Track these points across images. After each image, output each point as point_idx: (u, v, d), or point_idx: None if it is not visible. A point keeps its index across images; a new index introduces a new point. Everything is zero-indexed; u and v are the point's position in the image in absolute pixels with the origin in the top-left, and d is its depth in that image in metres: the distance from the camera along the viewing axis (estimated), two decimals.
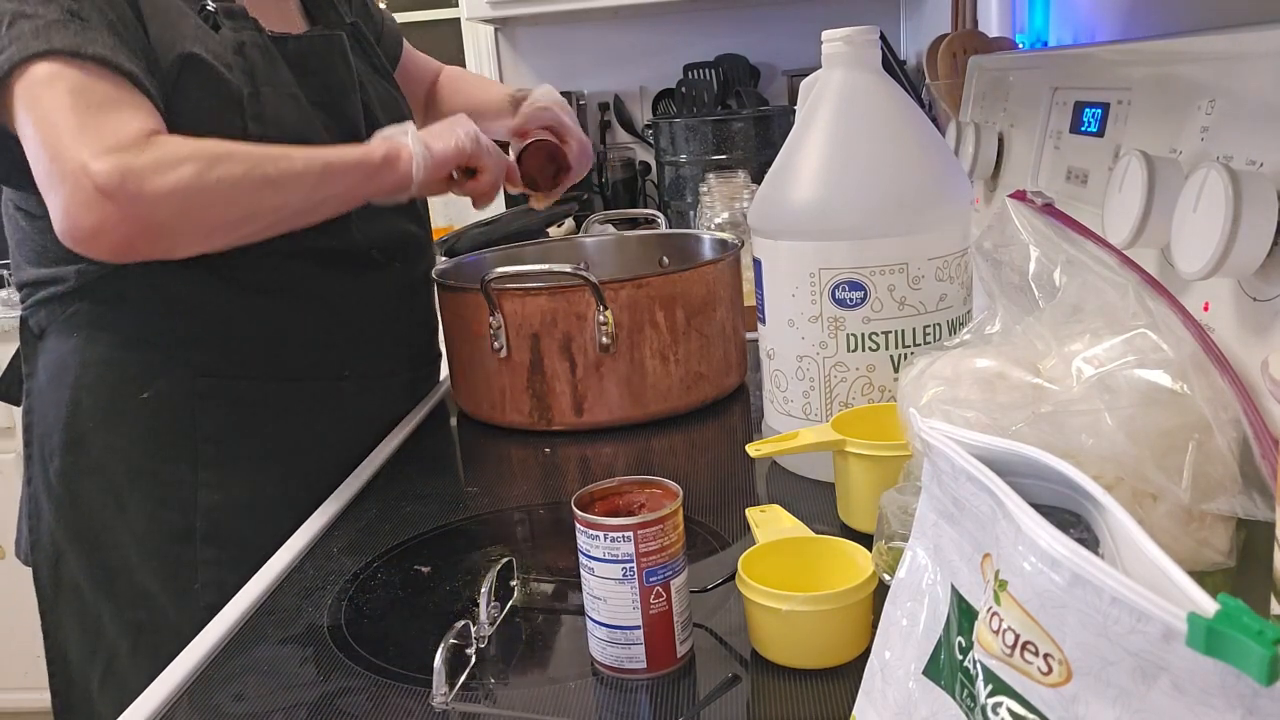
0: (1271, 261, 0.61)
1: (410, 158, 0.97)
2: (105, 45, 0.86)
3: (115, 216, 0.83)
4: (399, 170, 0.97)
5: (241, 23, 0.98)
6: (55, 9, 0.86)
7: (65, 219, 0.84)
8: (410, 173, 0.97)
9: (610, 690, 0.62)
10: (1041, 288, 0.67)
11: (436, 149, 0.99)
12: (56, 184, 0.84)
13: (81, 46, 0.85)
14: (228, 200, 0.88)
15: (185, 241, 0.90)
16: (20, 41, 0.84)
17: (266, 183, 0.89)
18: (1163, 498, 0.55)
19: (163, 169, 0.84)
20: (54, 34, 0.85)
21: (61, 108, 0.84)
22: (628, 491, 0.65)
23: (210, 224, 0.89)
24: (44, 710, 1.11)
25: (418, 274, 1.16)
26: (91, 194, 0.82)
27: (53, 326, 1.02)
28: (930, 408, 0.60)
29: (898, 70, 1.98)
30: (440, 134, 1.01)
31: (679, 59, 2.44)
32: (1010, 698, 0.36)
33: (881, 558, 0.64)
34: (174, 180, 0.84)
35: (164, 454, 1.00)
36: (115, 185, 0.82)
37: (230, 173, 0.87)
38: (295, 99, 1.00)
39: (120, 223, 0.84)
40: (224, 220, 0.90)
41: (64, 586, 1.04)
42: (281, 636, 0.72)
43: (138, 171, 0.83)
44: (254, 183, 0.89)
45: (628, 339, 1.04)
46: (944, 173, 0.84)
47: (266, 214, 0.92)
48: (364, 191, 0.97)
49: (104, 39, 0.86)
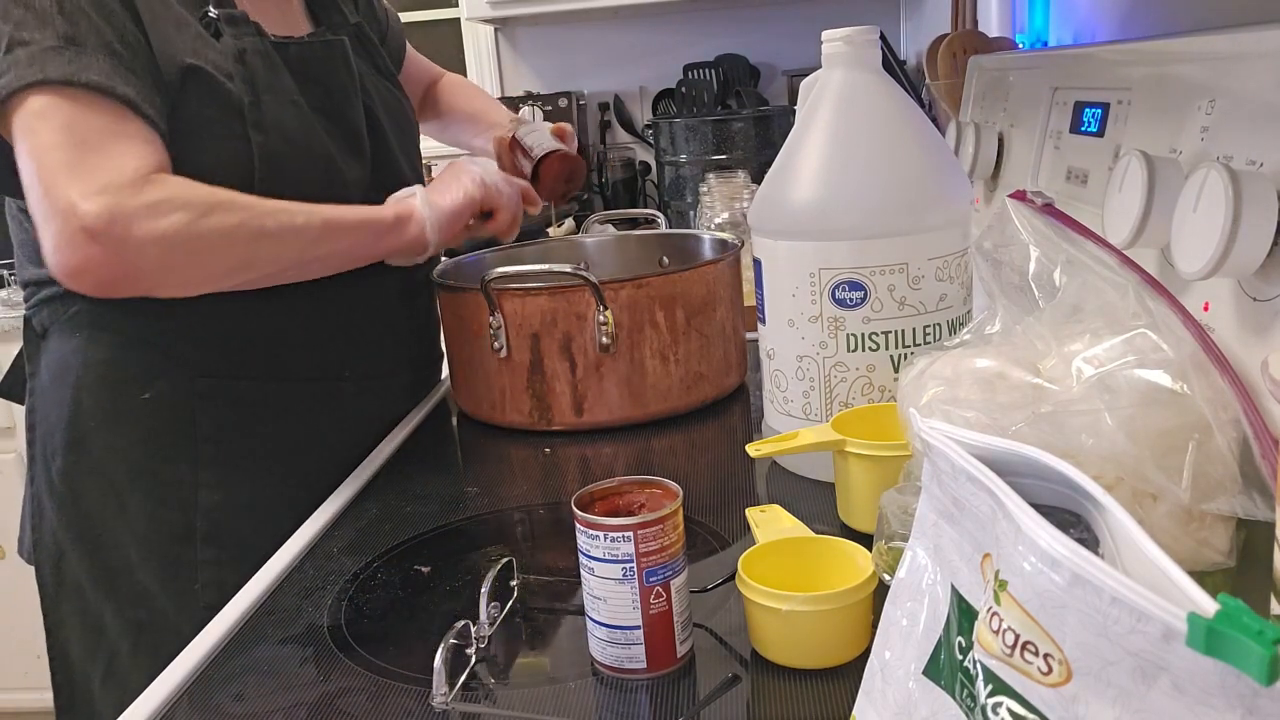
0: (1271, 261, 0.61)
1: (421, 220, 0.99)
2: (101, 71, 0.85)
3: (99, 257, 0.83)
4: (410, 232, 0.99)
5: (243, 29, 0.97)
6: (51, 34, 0.85)
7: (53, 254, 0.84)
8: (423, 235, 0.99)
9: (610, 690, 0.62)
10: (1041, 288, 0.67)
11: (446, 205, 1.01)
12: (47, 219, 0.84)
13: (76, 75, 0.84)
14: (218, 251, 0.88)
15: (170, 287, 0.90)
16: (16, 70, 0.84)
17: (261, 235, 0.89)
18: (1163, 498, 0.55)
19: (154, 214, 0.84)
20: (49, 62, 0.84)
21: (54, 144, 0.84)
22: (628, 491, 0.65)
23: (197, 273, 0.90)
24: (44, 710, 1.11)
25: (419, 275, 1.16)
26: (78, 233, 0.82)
27: (55, 326, 1.02)
28: (930, 408, 0.60)
29: (898, 70, 1.98)
30: (446, 188, 1.03)
31: (679, 59, 2.44)
32: (1010, 698, 0.36)
33: (881, 558, 0.64)
34: (164, 227, 0.84)
35: (165, 454, 1.00)
36: (102, 227, 0.82)
37: (223, 223, 0.87)
38: (297, 105, 0.99)
39: (104, 264, 0.84)
40: (213, 270, 0.90)
41: (66, 585, 1.04)
42: (281, 636, 0.72)
43: (127, 214, 0.83)
44: (248, 235, 0.89)
45: (628, 339, 1.04)
46: (944, 173, 0.84)
47: (259, 266, 0.92)
48: (373, 251, 0.99)
49: (99, 64, 0.86)
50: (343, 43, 1.06)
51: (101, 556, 1.01)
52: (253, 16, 0.99)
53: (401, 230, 0.99)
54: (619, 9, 2.31)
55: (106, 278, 0.85)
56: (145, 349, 1.00)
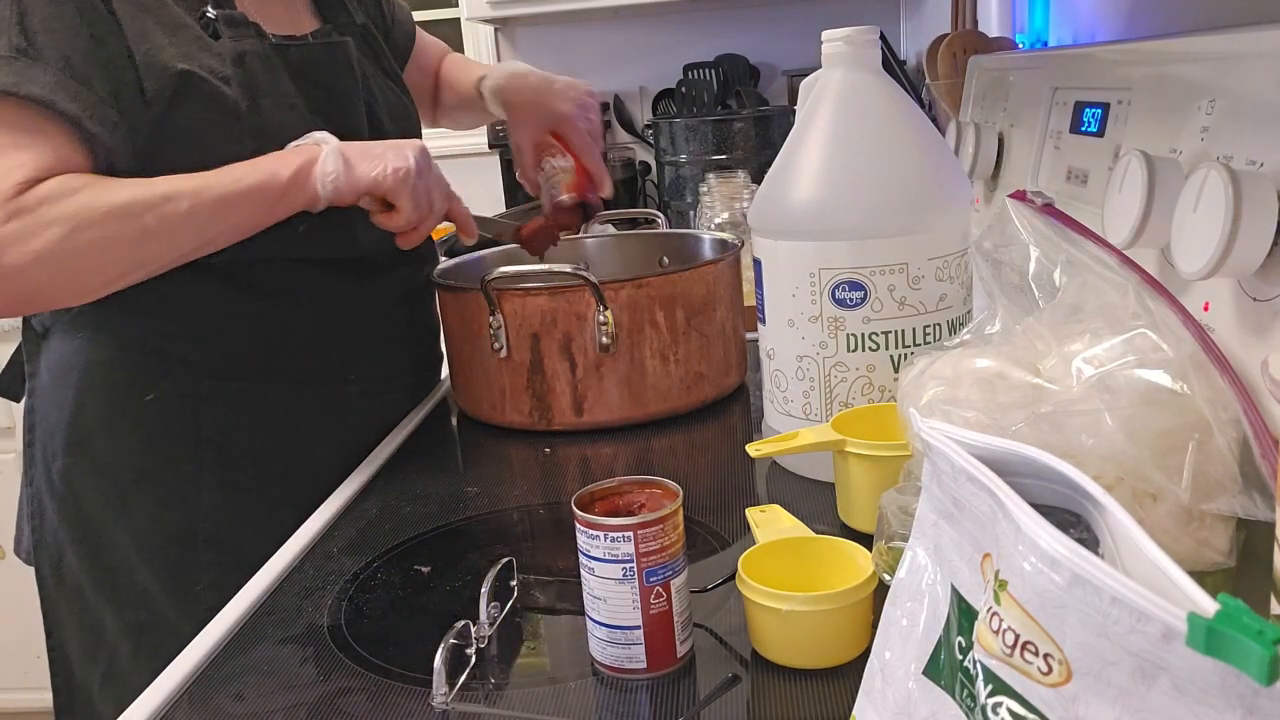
0: (1271, 261, 0.61)
1: (319, 177, 0.92)
2: (45, 86, 0.84)
3: None
4: (307, 191, 0.92)
5: (242, 30, 0.96)
6: (4, 44, 0.84)
7: None
8: (316, 195, 0.92)
9: (610, 690, 0.62)
10: (1041, 288, 0.67)
11: (355, 174, 0.93)
12: None
13: (17, 86, 0.83)
14: (100, 261, 0.86)
15: (64, 299, 0.89)
16: None
17: (145, 235, 0.86)
18: (1163, 498, 0.55)
19: (25, 237, 0.82)
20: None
21: None
22: (628, 491, 0.65)
23: (85, 284, 0.88)
24: (44, 710, 1.11)
25: (421, 278, 1.16)
26: None
27: (56, 326, 1.02)
28: (930, 408, 0.60)
29: (898, 70, 1.98)
30: (366, 156, 0.94)
31: (679, 59, 2.44)
32: (1010, 698, 0.36)
33: (881, 558, 0.64)
34: (36, 249, 0.82)
35: (167, 456, 1.00)
36: None
37: (102, 234, 0.84)
38: (296, 110, 0.98)
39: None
40: (100, 279, 0.88)
41: (66, 586, 1.04)
42: (281, 636, 0.72)
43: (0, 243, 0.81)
44: (130, 238, 0.86)
45: (628, 339, 1.04)
46: (944, 173, 0.84)
47: (151, 262, 0.89)
48: (273, 213, 0.93)
49: (46, 79, 0.84)
50: (346, 45, 1.05)
51: (102, 558, 1.01)
52: (255, 16, 0.98)
53: (297, 190, 0.91)
54: (619, 9, 2.31)
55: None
56: (148, 351, 1.00)
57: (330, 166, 0.92)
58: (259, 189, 0.90)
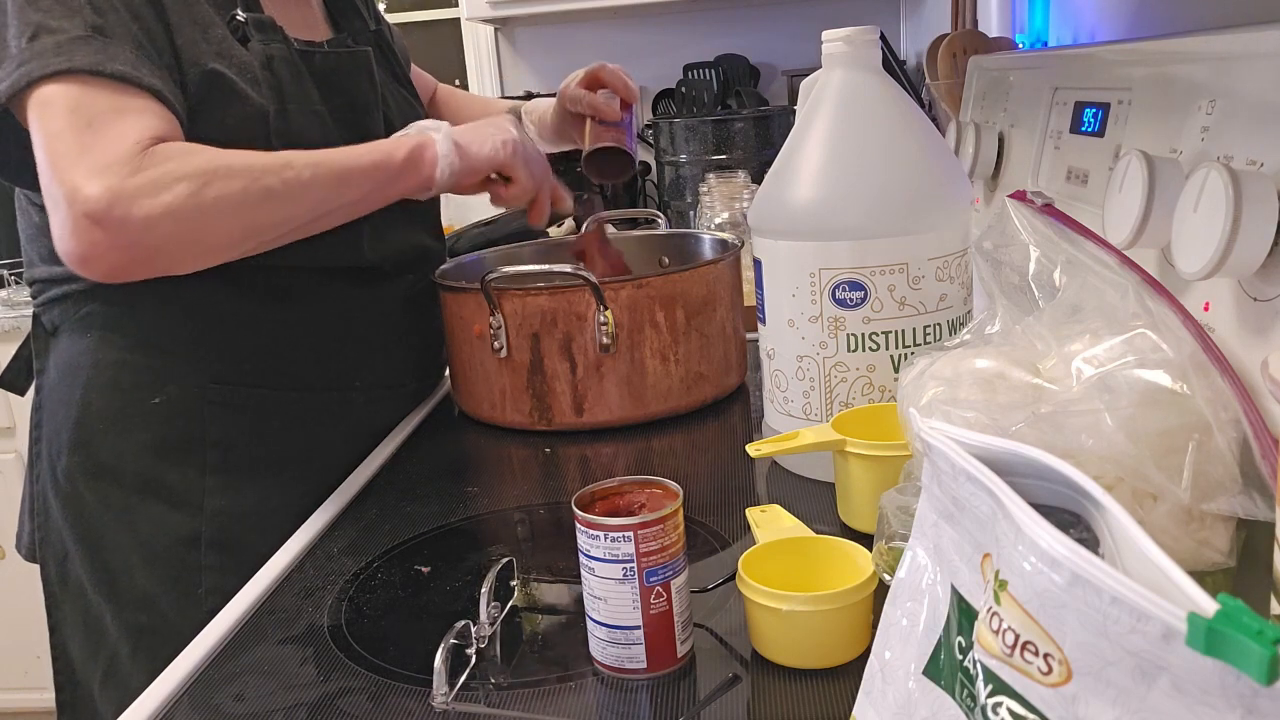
0: (1271, 261, 0.61)
1: (435, 160, 0.95)
2: (127, 62, 0.84)
3: (105, 243, 0.81)
4: (423, 173, 0.95)
5: (271, 35, 0.96)
6: (80, 23, 0.84)
7: (60, 243, 0.83)
8: (433, 176, 0.95)
9: (610, 690, 0.62)
10: (1041, 288, 0.67)
11: (470, 154, 0.97)
12: (55, 207, 0.82)
13: (103, 65, 0.83)
14: (226, 219, 0.86)
15: (183, 261, 0.87)
16: (41, 58, 0.83)
17: (269, 197, 0.86)
18: (1163, 498, 0.55)
19: (155, 189, 0.81)
20: (76, 51, 0.83)
21: (62, 129, 0.82)
22: (628, 491, 0.65)
23: (208, 243, 0.87)
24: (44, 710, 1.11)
25: (425, 285, 1.16)
26: (81, 220, 0.80)
27: (66, 325, 1.02)
28: (930, 408, 0.60)
29: (898, 70, 1.98)
30: (475, 138, 0.98)
31: (679, 59, 2.44)
32: (1010, 698, 0.36)
33: (881, 558, 0.64)
34: (166, 202, 0.81)
35: (172, 459, 1.00)
36: (103, 210, 0.80)
37: (227, 190, 0.84)
38: (319, 115, 0.98)
39: (110, 249, 0.82)
40: (224, 239, 0.87)
41: (69, 585, 1.04)
42: (281, 636, 0.72)
43: (129, 195, 0.80)
44: (255, 198, 0.86)
45: (628, 339, 1.04)
46: (944, 173, 0.84)
47: (272, 228, 0.89)
48: (385, 194, 0.95)
49: (126, 55, 0.85)
50: (367, 53, 1.06)
51: (104, 558, 1.01)
52: (278, 18, 0.98)
53: (415, 170, 0.94)
54: (619, 9, 2.31)
55: (117, 263, 0.83)
56: (157, 353, 1.00)
57: (445, 150, 0.95)
58: (376, 167, 0.92)
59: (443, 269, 1.18)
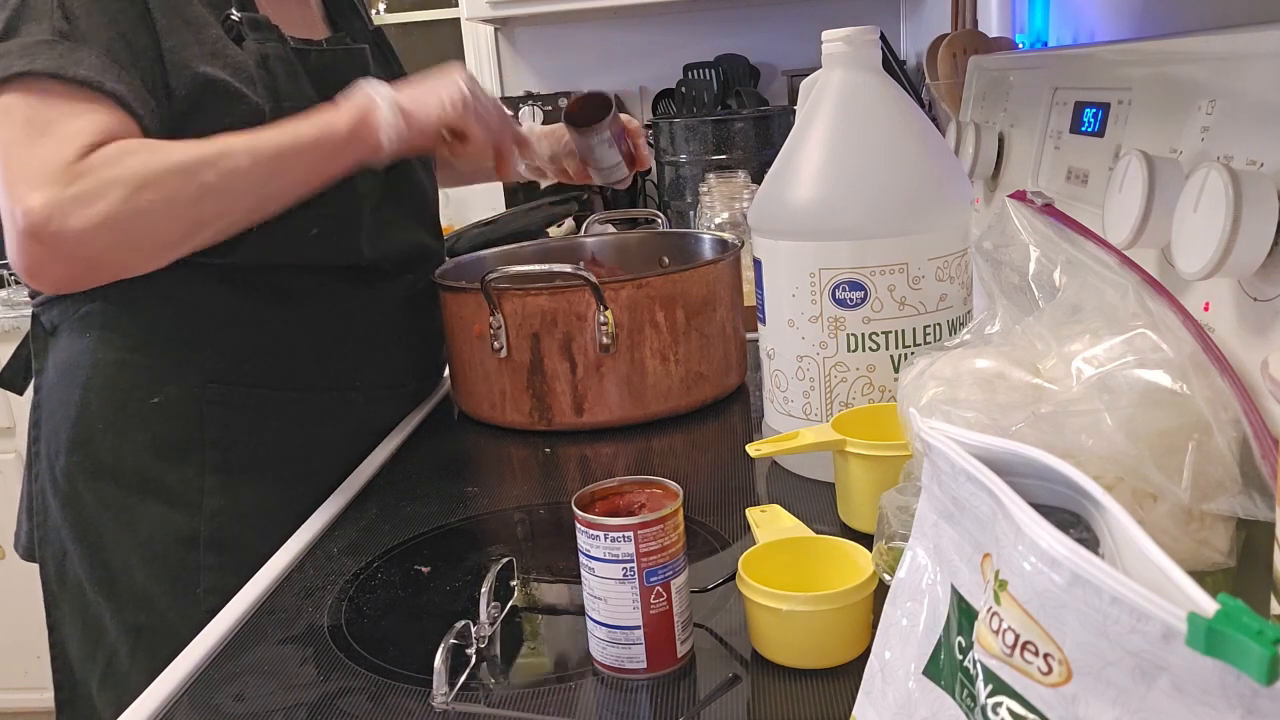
0: (1271, 261, 0.61)
1: (379, 126, 0.91)
2: (92, 67, 0.84)
3: (46, 256, 0.81)
4: (369, 142, 0.91)
5: (266, 34, 0.96)
6: (47, 28, 0.84)
7: (10, 256, 0.83)
8: (380, 145, 0.92)
9: (610, 690, 0.62)
10: (1041, 288, 0.67)
11: (417, 118, 0.93)
12: (6, 220, 0.82)
13: (64, 69, 0.83)
14: (162, 221, 0.85)
15: (128, 266, 0.87)
16: (3, 59, 0.83)
17: (206, 193, 0.85)
18: (1163, 498, 0.55)
19: (89, 199, 0.81)
20: (39, 55, 0.83)
21: (18, 137, 0.82)
22: (628, 491, 0.65)
23: (149, 247, 0.86)
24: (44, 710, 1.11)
25: (425, 285, 1.16)
26: (23, 235, 0.80)
27: (65, 325, 1.02)
28: (930, 408, 0.60)
29: (898, 70, 1.98)
30: (421, 100, 0.94)
31: (679, 59, 2.44)
32: (1010, 698, 0.36)
33: (881, 558, 0.64)
34: (101, 211, 0.81)
35: (171, 459, 1.00)
36: (41, 224, 0.80)
37: (162, 193, 0.83)
38: None
39: (51, 262, 0.82)
40: (163, 240, 0.86)
41: (68, 584, 1.04)
42: (281, 636, 0.72)
43: (64, 208, 0.80)
44: (191, 197, 0.85)
45: (628, 339, 1.04)
46: (944, 173, 0.84)
47: (214, 220, 0.88)
48: (332, 168, 0.92)
49: (92, 60, 0.84)
50: (364, 51, 1.06)
51: (103, 558, 1.01)
52: (273, 20, 0.98)
53: (359, 142, 0.91)
54: (619, 9, 2.31)
55: (61, 275, 0.84)
56: (156, 353, 1.00)
57: (389, 117, 0.91)
58: (317, 143, 0.90)
59: (443, 269, 1.18)
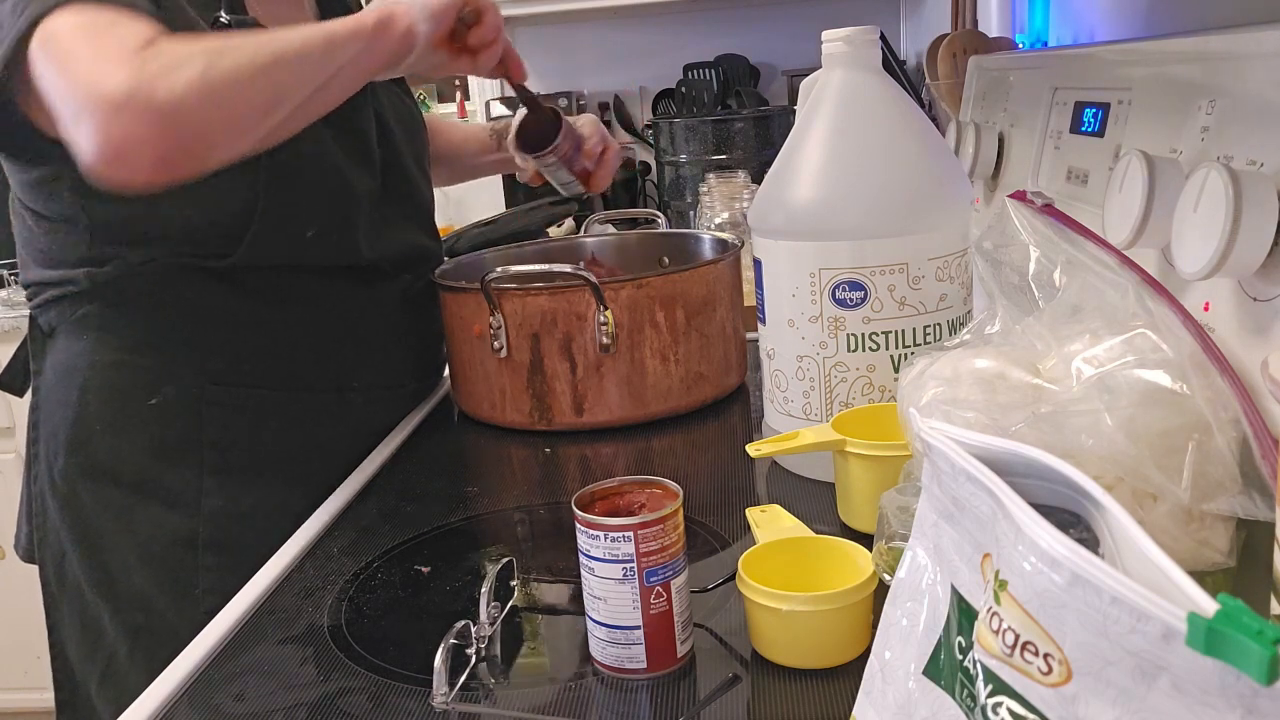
0: (1271, 261, 0.61)
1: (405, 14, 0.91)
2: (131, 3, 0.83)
3: (138, 132, 0.78)
4: (394, 33, 0.91)
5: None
6: None
7: (94, 151, 0.78)
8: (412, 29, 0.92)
9: (610, 690, 0.62)
10: (1041, 288, 0.67)
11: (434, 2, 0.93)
12: (78, 118, 0.79)
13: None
14: (244, 87, 0.83)
15: (220, 139, 0.84)
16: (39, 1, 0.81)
17: (276, 60, 0.84)
18: (1163, 498, 0.55)
19: (171, 69, 0.79)
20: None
21: (77, 43, 0.80)
22: (628, 491, 0.65)
23: (239, 114, 0.84)
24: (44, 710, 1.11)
25: (424, 285, 1.15)
26: (108, 113, 0.77)
27: (62, 326, 1.02)
28: (930, 408, 0.60)
29: (898, 70, 1.98)
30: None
31: (679, 59, 2.44)
32: (1010, 698, 0.36)
33: (881, 558, 0.64)
34: (186, 78, 0.79)
35: (170, 459, 1.00)
36: (127, 96, 0.77)
37: (238, 58, 0.82)
38: None
39: (145, 139, 0.78)
40: (250, 107, 0.84)
41: (67, 585, 1.04)
42: (281, 637, 0.72)
43: (150, 79, 0.77)
44: (265, 62, 0.84)
45: (628, 339, 1.04)
46: (944, 173, 0.84)
47: (288, 91, 0.86)
48: (369, 64, 0.91)
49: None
50: None
51: (102, 559, 1.01)
52: (265, 21, 0.98)
53: (386, 33, 0.91)
54: (619, 9, 2.32)
55: (156, 153, 0.79)
56: (154, 354, 0.99)
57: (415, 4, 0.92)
58: (353, 34, 0.89)
59: (442, 269, 1.18)
